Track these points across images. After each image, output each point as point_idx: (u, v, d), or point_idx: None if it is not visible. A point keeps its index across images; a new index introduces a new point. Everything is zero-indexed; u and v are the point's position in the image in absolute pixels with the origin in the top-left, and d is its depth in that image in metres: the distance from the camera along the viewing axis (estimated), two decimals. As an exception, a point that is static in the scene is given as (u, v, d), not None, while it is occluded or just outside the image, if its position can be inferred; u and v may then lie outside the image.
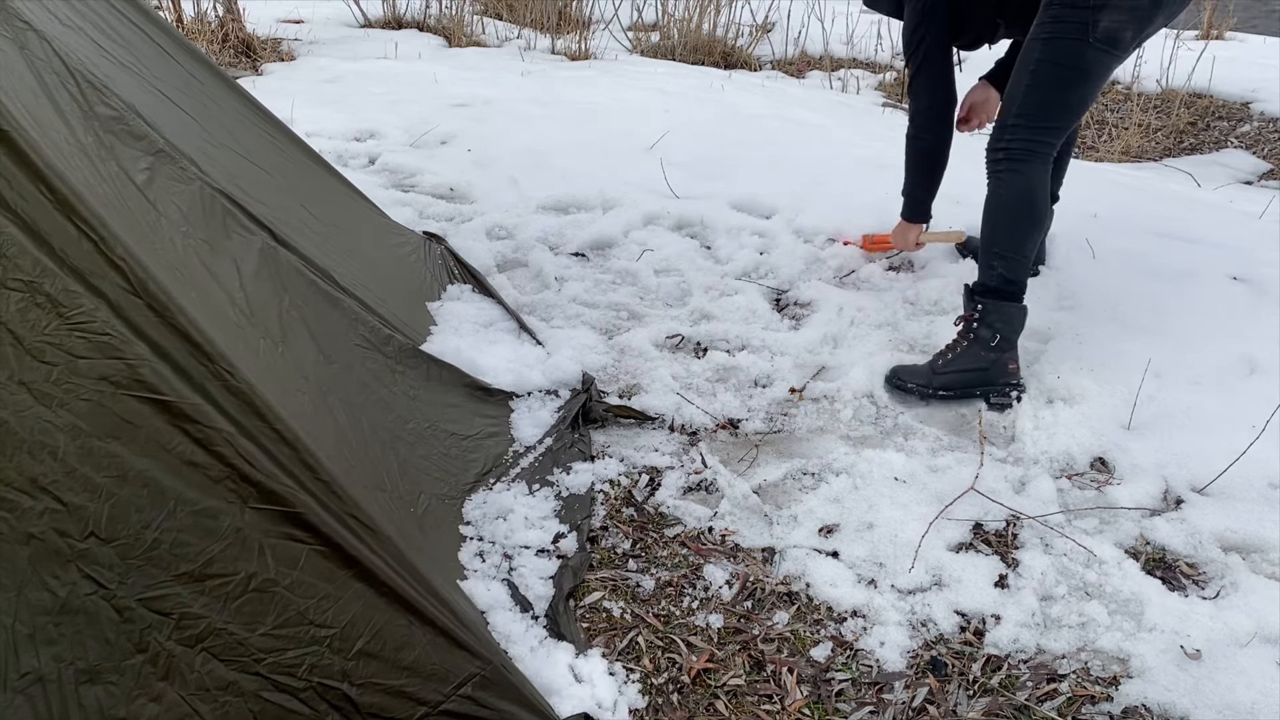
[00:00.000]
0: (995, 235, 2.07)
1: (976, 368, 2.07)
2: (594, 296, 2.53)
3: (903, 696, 1.43)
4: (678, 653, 1.49)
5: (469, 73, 4.78)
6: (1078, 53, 1.91)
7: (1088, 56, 1.91)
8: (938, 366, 2.10)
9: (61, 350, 1.10)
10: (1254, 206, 3.23)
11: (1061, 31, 1.91)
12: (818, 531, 1.74)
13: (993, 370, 2.06)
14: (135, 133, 1.44)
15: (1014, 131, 2.00)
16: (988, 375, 2.07)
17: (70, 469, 1.10)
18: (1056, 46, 1.92)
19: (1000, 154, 2.03)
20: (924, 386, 2.10)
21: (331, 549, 1.21)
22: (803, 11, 5.86)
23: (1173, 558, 1.68)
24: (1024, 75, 1.97)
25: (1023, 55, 1.99)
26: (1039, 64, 1.94)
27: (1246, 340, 2.17)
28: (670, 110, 4.08)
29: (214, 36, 4.87)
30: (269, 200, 1.78)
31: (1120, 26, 1.89)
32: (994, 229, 2.08)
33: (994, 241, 2.07)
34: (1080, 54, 1.91)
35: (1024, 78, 1.97)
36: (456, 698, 1.23)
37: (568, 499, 1.76)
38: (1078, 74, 1.94)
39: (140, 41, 1.76)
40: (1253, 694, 1.39)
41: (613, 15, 5.97)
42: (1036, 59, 1.95)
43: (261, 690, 1.16)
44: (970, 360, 2.07)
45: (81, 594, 1.09)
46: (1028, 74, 1.96)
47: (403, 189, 3.24)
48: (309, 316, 1.62)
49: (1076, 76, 1.94)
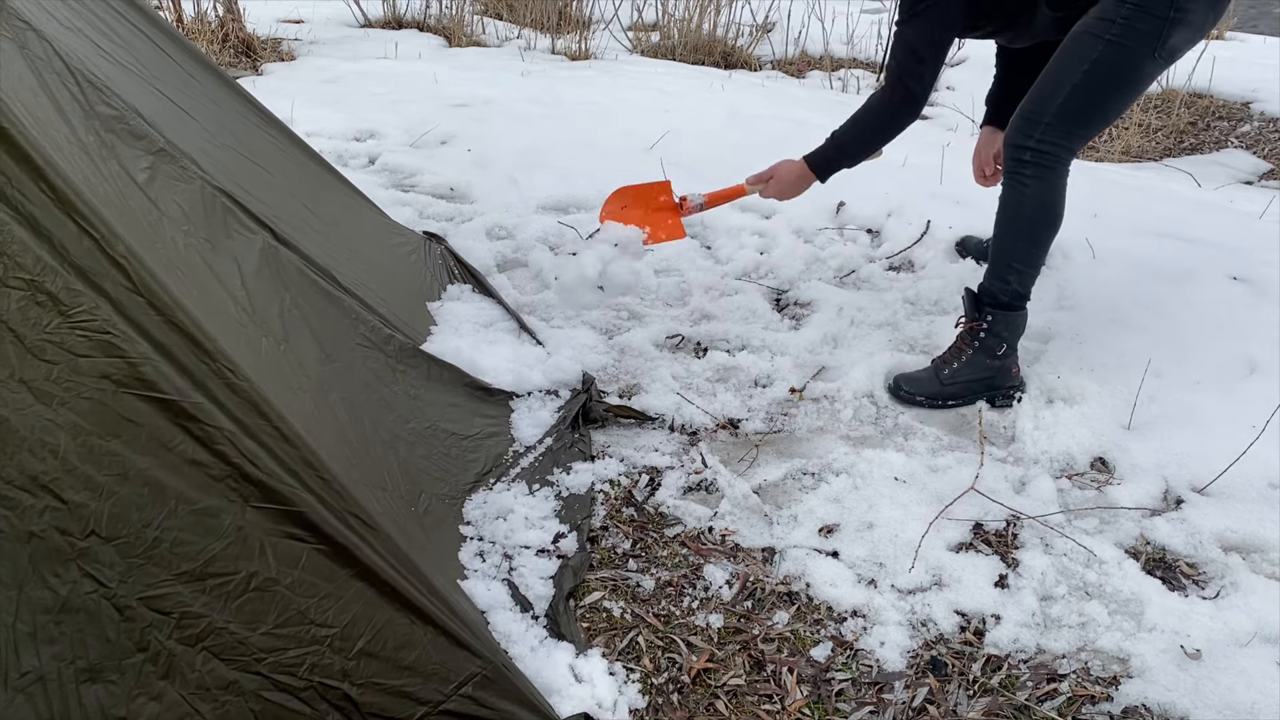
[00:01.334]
0: (1014, 246, 1.97)
1: (983, 376, 2.06)
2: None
3: (903, 696, 1.43)
4: (678, 653, 1.49)
5: (469, 73, 4.78)
6: (1138, 63, 1.80)
7: (1146, 69, 1.82)
8: (944, 377, 2.06)
9: (62, 349, 1.10)
10: (1254, 206, 3.23)
11: (1130, 38, 1.78)
12: (818, 531, 1.74)
13: (998, 376, 2.06)
14: (136, 132, 1.44)
15: (1048, 131, 1.86)
16: (993, 381, 2.06)
17: (71, 467, 1.09)
18: (1120, 52, 1.79)
19: (1027, 154, 1.89)
20: (933, 399, 2.07)
21: (333, 548, 1.21)
22: (803, 11, 5.86)
23: (1173, 558, 1.68)
24: (1073, 71, 1.82)
25: (1073, 46, 1.83)
26: (1096, 65, 1.80)
27: (1246, 340, 2.17)
28: (670, 110, 4.07)
29: (214, 36, 4.87)
30: (270, 199, 1.78)
31: (1184, 42, 1.81)
32: (1013, 239, 1.97)
33: (1011, 253, 1.97)
34: (1141, 65, 1.81)
35: (1073, 74, 1.82)
36: (457, 697, 1.23)
37: (568, 499, 1.76)
38: (1131, 84, 1.85)
39: (140, 42, 1.76)
40: (1253, 694, 1.39)
41: (613, 15, 5.97)
42: (1094, 59, 1.80)
43: (262, 689, 1.16)
44: (976, 370, 2.05)
45: (82, 592, 1.09)
46: (1080, 72, 1.81)
47: (403, 189, 3.24)
48: (310, 315, 1.62)
49: (1129, 87, 1.85)
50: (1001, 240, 2.00)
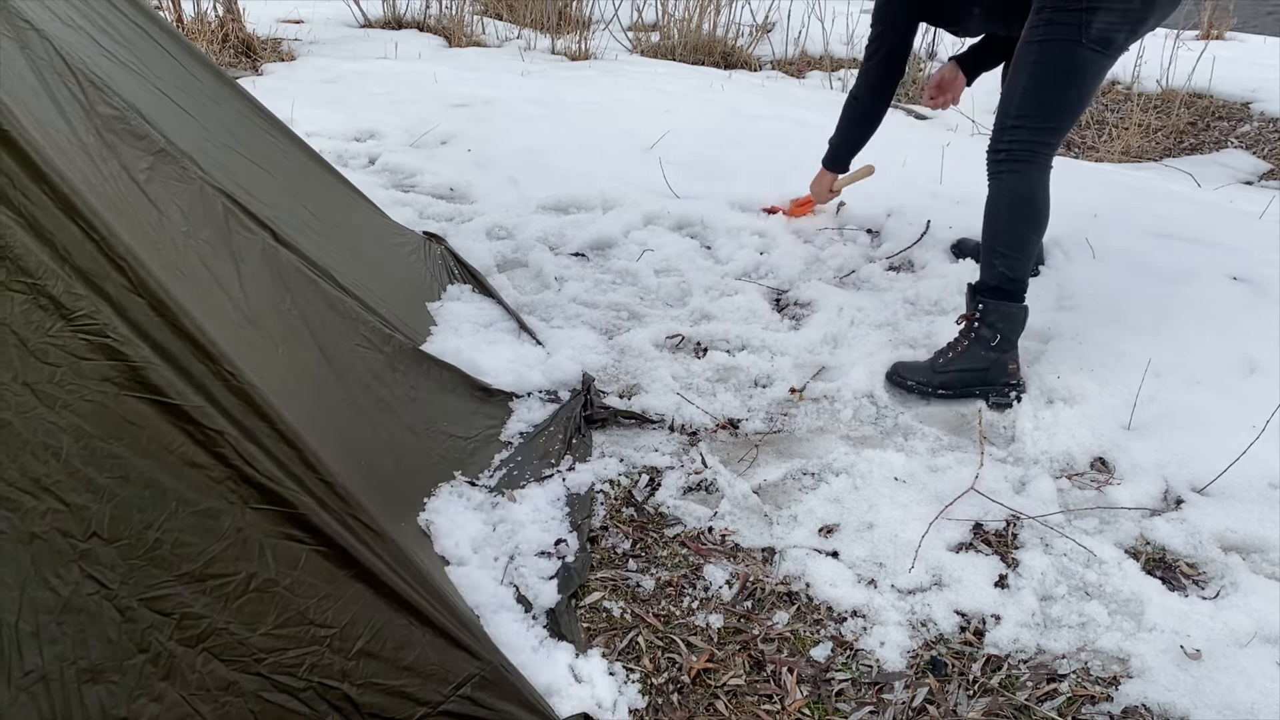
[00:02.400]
0: (996, 234, 2.08)
1: (976, 367, 2.07)
2: (594, 296, 2.53)
3: (903, 696, 1.43)
4: (678, 653, 1.49)
5: (469, 73, 4.78)
6: (1071, 54, 1.92)
7: (1082, 58, 1.92)
8: (938, 365, 2.11)
9: (65, 351, 1.11)
10: (1254, 206, 3.24)
11: (1054, 34, 1.92)
12: (818, 531, 1.74)
13: (993, 370, 2.07)
14: (136, 132, 1.44)
15: (1014, 133, 2.01)
16: (988, 375, 2.07)
17: (73, 470, 1.10)
18: (1050, 49, 1.93)
19: (1001, 154, 2.04)
20: (924, 385, 2.10)
21: (332, 549, 1.21)
22: (803, 11, 5.86)
23: (1173, 558, 1.68)
24: (1020, 77, 1.98)
25: (1017, 57, 2.00)
26: (1035, 66, 1.95)
27: (1246, 340, 2.18)
28: (670, 110, 4.08)
29: (214, 36, 4.87)
30: (270, 200, 1.78)
31: (1113, 28, 1.89)
32: (994, 228, 2.08)
33: (995, 240, 2.08)
34: (1074, 55, 1.92)
35: (1020, 79, 1.98)
36: (456, 698, 1.23)
37: (568, 499, 1.76)
38: (1072, 75, 1.95)
39: (141, 41, 1.76)
40: (1253, 694, 1.39)
41: (613, 15, 5.97)
42: (1032, 61, 1.95)
43: (262, 690, 1.16)
44: (970, 360, 2.07)
45: (84, 593, 1.09)
46: (1024, 75, 1.97)
47: (403, 189, 3.24)
48: (310, 316, 1.62)
49: (1071, 78, 1.95)
50: (986, 231, 2.11)
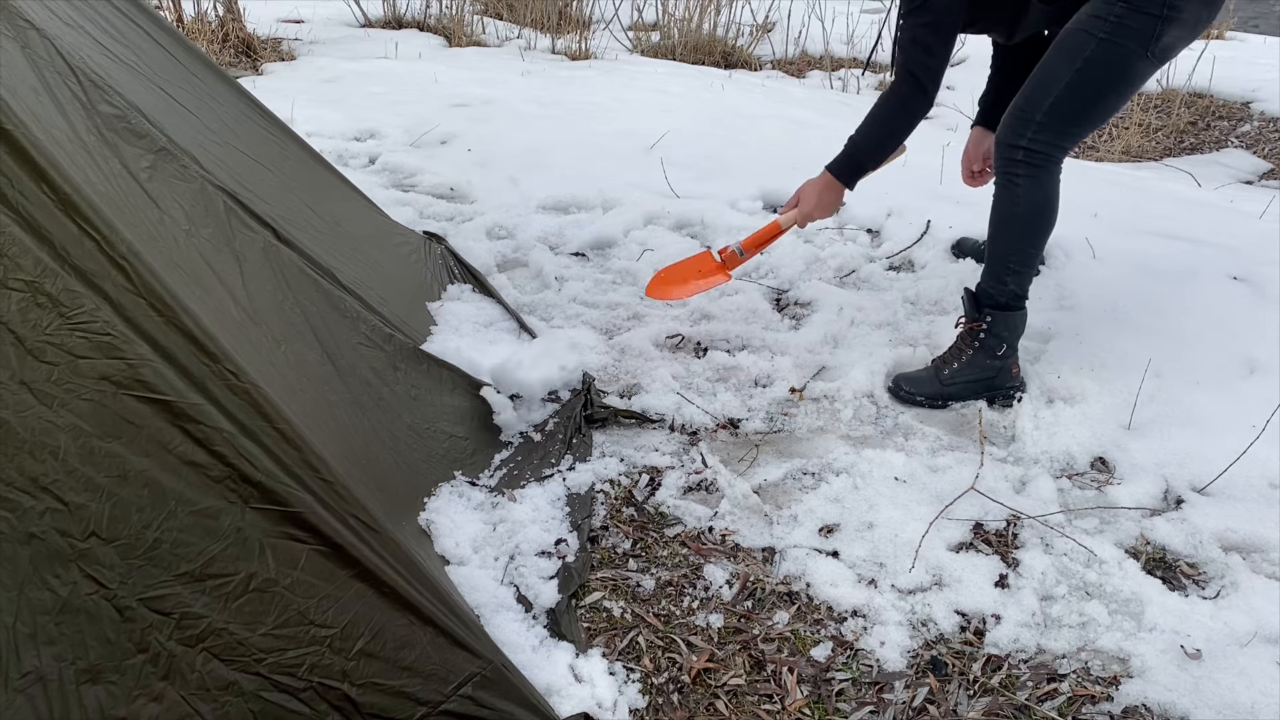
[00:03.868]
0: (1008, 247, 1.96)
1: (983, 377, 2.06)
2: (594, 296, 2.53)
3: (903, 696, 1.43)
4: (678, 652, 1.49)
5: (469, 73, 4.78)
6: (1131, 62, 1.78)
7: (1138, 68, 1.80)
8: (944, 377, 2.07)
9: (63, 350, 1.10)
10: (1254, 206, 3.23)
11: (1123, 36, 1.76)
12: (818, 531, 1.74)
13: (999, 376, 2.06)
14: (137, 131, 1.44)
15: (1040, 130, 1.85)
16: (994, 381, 2.06)
17: (71, 469, 1.09)
18: (1112, 51, 1.77)
19: (1020, 153, 1.88)
20: (933, 399, 2.07)
21: (332, 549, 1.20)
22: (803, 11, 5.86)
23: (1173, 558, 1.68)
24: (1065, 70, 1.80)
25: (1066, 43, 1.81)
26: (1086, 65, 1.78)
27: (1246, 340, 2.17)
28: (670, 110, 4.08)
29: (214, 36, 4.87)
30: (271, 199, 1.78)
31: (1178, 41, 1.79)
32: (1007, 240, 1.96)
33: (1007, 254, 1.96)
34: (1134, 64, 1.79)
35: (1065, 73, 1.80)
36: (457, 698, 1.23)
37: (568, 499, 1.76)
38: (1123, 83, 1.83)
39: (141, 40, 1.76)
40: (1253, 694, 1.39)
41: (613, 15, 5.97)
42: (1086, 57, 1.78)
43: (262, 690, 1.16)
44: (976, 370, 2.05)
45: (82, 593, 1.09)
46: (1071, 70, 1.79)
47: (403, 189, 3.24)
48: (312, 315, 1.62)
49: (1121, 86, 1.83)
50: (996, 241, 1.99)
